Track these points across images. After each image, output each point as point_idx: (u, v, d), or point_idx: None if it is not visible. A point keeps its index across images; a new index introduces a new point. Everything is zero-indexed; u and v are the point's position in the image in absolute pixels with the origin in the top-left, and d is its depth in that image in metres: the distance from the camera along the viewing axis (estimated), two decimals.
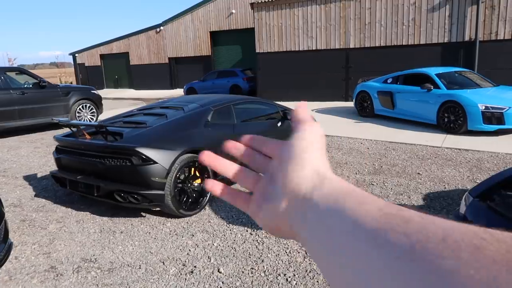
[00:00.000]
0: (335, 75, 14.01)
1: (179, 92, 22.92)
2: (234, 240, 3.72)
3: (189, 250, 3.58)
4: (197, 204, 4.42)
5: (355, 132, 8.51)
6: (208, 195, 4.52)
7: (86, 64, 29.86)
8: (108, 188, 4.07)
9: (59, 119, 4.77)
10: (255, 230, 3.92)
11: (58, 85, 11.05)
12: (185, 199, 4.29)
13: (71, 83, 31.88)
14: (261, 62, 15.53)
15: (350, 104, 13.14)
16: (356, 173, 5.68)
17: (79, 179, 4.31)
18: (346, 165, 6.11)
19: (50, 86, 10.48)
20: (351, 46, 13.64)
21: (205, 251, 3.54)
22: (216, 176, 4.66)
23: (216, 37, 23.37)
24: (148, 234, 3.95)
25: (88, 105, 11.17)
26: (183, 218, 4.29)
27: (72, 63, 31.62)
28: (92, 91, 11.49)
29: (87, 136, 4.60)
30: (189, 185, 4.35)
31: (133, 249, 3.65)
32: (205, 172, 4.49)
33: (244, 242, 3.68)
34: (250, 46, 21.26)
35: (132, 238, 3.87)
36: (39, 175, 6.33)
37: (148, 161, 3.95)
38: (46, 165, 6.97)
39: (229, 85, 18.24)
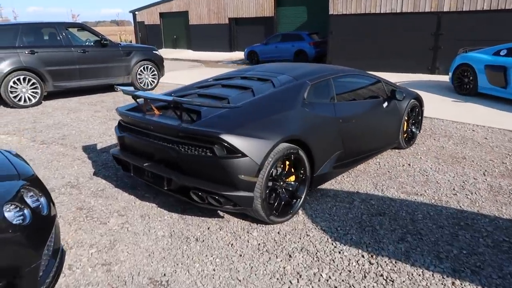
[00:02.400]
0: (422, 43, 12.17)
1: (238, 55, 21.85)
2: (349, 272, 2.72)
3: (290, 282, 2.63)
4: (290, 207, 3.44)
5: (458, 115, 7.05)
6: (303, 197, 3.52)
7: (146, 23, 29.45)
8: (182, 183, 3.17)
9: (123, 88, 3.88)
10: (374, 256, 2.88)
11: (120, 43, 10.36)
12: (276, 202, 3.32)
13: (131, 41, 31.84)
14: (334, 26, 13.94)
15: (438, 77, 11.43)
16: (483, 174, 4.39)
17: (146, 166, 3.46)
18: (465, 161, 4.82)
19: (112, 44, 9.81)
20: (445, 9, 11.66)
21: (312, 287, 2.57)
22: (313, 171, 3.64)
23: None
24: (230, 247, 3.05)
25: (149, 66, 10.44)
26: (272, 226, 3.34)
27: (132, 21, 31.38)
28: (154, 52, 10.72)
29: (156, 112, 3.70)
30: (281, 183, 3.36)
31: (214, 270, 2.77)
32: (302, 167, 3.47)
33: (365, 277, 2.66)
34: (317, 7, 19.51)
35: (211, 251, 2.99)
36: (98, 147, 5.66)
37: (236, 153, 2.97)
38: (106, 134, 6.31)
39: (294, 50, 16.82)
